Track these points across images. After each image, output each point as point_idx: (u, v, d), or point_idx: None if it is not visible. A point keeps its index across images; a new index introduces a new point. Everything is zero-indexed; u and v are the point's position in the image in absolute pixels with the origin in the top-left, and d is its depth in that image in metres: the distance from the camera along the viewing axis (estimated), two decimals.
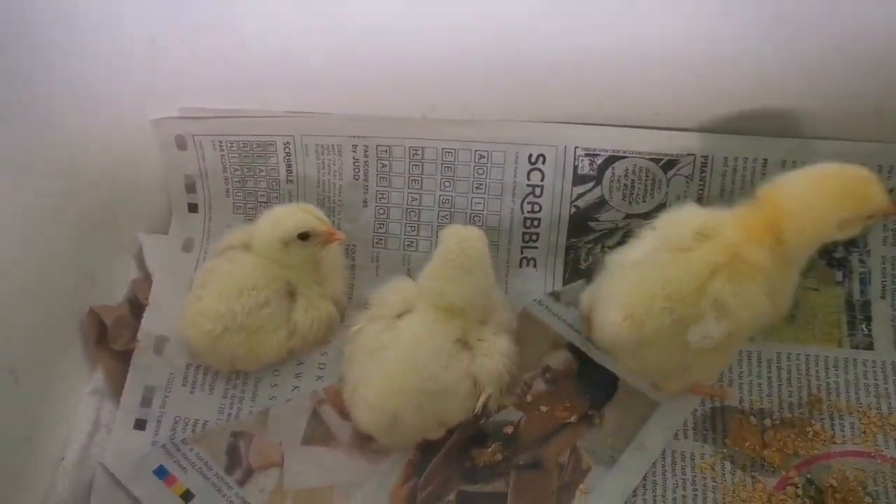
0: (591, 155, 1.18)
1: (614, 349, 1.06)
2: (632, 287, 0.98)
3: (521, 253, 1.21)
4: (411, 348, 1.04)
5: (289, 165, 1.25)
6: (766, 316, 0.96)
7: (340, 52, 1.16)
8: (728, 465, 1.07)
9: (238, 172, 1.26)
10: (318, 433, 1.12)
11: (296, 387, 1.16)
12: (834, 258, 1.18)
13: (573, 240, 1.20)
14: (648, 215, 1.18)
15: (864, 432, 1.07)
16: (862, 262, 1.17)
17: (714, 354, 1.01)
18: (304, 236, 1.11)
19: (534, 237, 1.21)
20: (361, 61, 1.16)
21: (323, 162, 1.24)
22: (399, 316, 1.08)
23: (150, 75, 1.20)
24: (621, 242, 1.19)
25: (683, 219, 1.00)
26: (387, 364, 1.03)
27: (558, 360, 1.15)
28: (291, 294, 1.15)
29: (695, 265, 0.95)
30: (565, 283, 1.20)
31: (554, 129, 1.18)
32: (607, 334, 1.01)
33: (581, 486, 1.05)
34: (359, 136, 1.21)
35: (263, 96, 1.23)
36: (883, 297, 1.16)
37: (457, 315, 1.06)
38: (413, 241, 1.22)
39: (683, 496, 1.05)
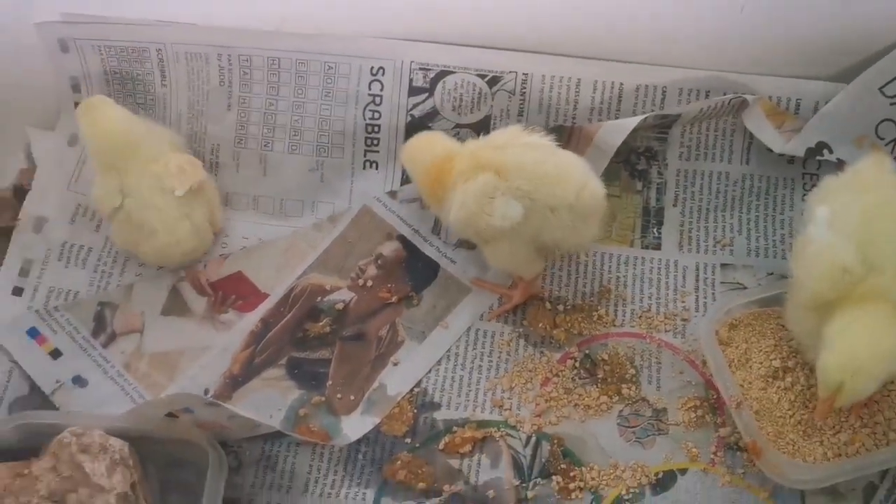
0: (425, 69, 1.32)
1: None
2: None
3: (365, 156, 1.36)
4: None
5: (162, 71, 1.38)
6: None
7: None
8: (522, 341, 1.24)
9: (118, 75, 1.39)
10: (175, 306, 1.29)
11: (161, 266, 1.32)
12: (636, 169, 1.33)
13: None
14: (476, 126, 1.34)
15: (641, 317, 1.25)
16: (660, 173, 1.33)
17: None
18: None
19: (375, 142, 1.35)
20: None
21: (192, 69, 1.37)
22: None
23: None
24: None
25: None
26: None
27: (390, 248, 1.32)
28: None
29: None
30: (402, 183, 1.35)
31: (393, 45, 1.32)
32: None
33: (393, 357, 1.23)
34: (222, 46, 1.34)
35: (137, 4, 1.35)
36: (675, 205, 1.32)
37: None
38: (269, 142, 1.36)
39: (479, 366, 1.23)
